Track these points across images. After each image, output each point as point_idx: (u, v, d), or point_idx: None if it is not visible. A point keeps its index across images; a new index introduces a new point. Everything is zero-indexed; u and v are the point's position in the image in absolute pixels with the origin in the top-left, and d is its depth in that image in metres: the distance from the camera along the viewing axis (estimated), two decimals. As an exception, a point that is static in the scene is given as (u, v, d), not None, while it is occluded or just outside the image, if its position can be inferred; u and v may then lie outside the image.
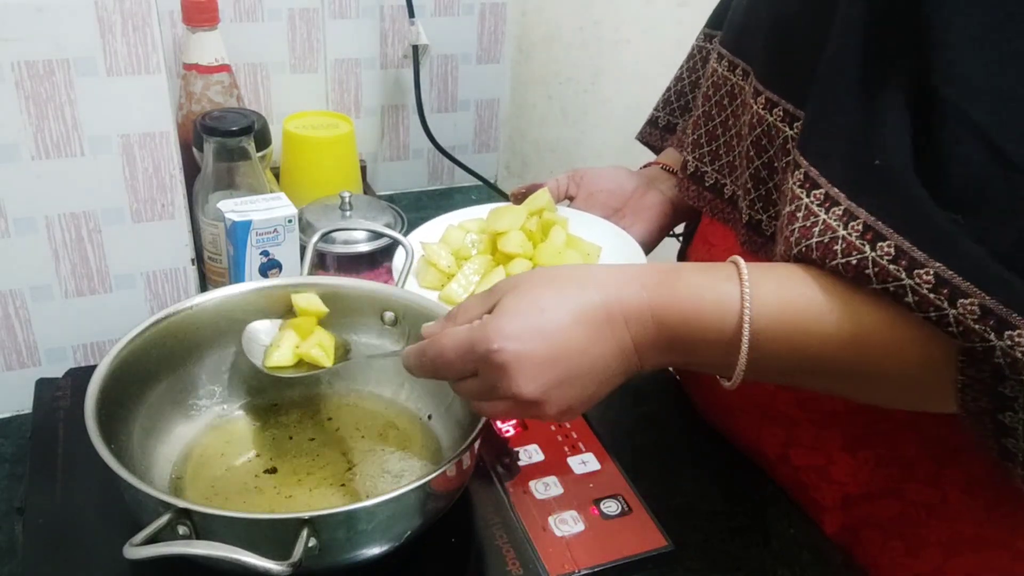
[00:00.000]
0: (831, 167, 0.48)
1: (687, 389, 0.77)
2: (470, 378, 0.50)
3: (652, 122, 0.88)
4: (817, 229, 0.47)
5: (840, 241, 0.46)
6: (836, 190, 0.47)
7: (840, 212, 0.46)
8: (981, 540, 0.57)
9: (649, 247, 0.80)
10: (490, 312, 0.50)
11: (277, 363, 0.61)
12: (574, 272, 0.52)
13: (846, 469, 0.61)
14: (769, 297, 0.47)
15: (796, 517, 0.64)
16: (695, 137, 0.70)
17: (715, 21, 0.80)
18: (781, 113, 0.56)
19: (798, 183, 0.49)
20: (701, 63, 0.81)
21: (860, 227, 0.45)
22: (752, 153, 0.60)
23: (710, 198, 0.69)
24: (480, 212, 0.80)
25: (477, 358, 0.48)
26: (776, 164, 0.58)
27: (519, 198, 0.81)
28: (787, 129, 0.56)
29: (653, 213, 0.80)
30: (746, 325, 0.47)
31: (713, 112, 0.67)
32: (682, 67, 0.85)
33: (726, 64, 0.65)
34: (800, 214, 0.48)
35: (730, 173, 0.66)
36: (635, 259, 0.73)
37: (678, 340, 0.49)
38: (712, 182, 0.68)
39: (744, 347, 0.48)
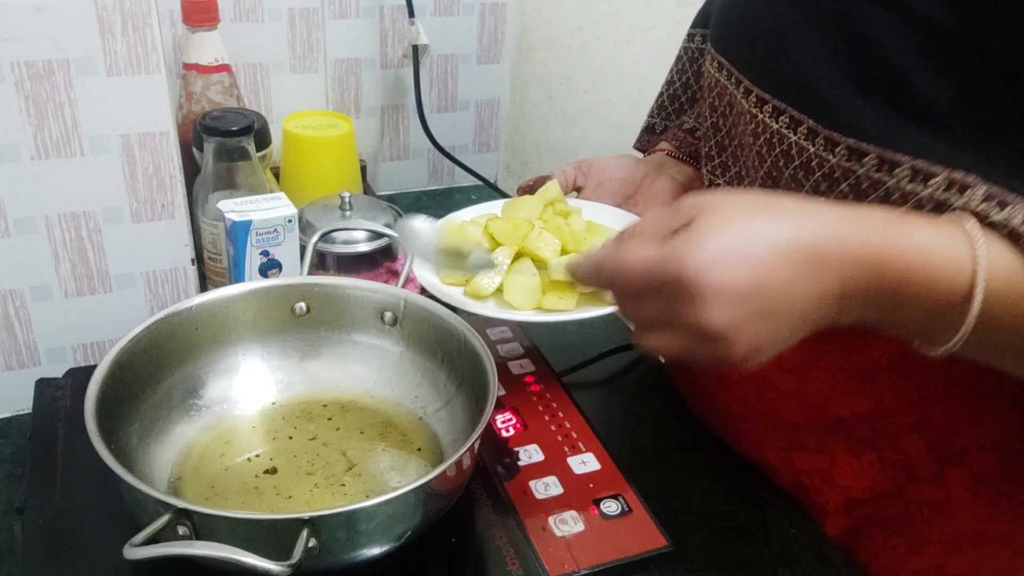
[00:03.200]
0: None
1: (682, 394, 0.76)
2: (647, 301, 0.45)
3: (649, 129, 0.87)
4: None
5: None
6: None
7: None
8: (982, 537, 0.57)
9: None
10: (680, 231, 0.44)
11: (478, 291, 0.67)
12: (783, 201, 0.45)
13: (850, 472, 0.61)
14: (1003, 260, 0.43)
15: (796, 517, 0.64)
16: (707, 150, 0.68)
17: (702, 20, 0.80)
18: (788, 120, 0.55)
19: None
20: (690, 64, 0.81)
21: None
22: (758, 162, 0.59)
23: None
24: (485, 209, 0.78)
25: (665, 279, 0.43)
26: (783, 172, 0.57)
27: (527, 191, 0.80)
28: (791, 135, 0.55)
29: (666, 198, 0.79)
30: (980, 285, 0.43)
31: (720, 123, 0.66)
32: (672, 70, 0.84)
33: (725, 74, 0.64)
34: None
35: (739, 184, 0.64)
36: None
37: (894, 293, 0.44)
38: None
39: (974, 310, 0.43)
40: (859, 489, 0.61)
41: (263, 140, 0.89)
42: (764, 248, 0.42)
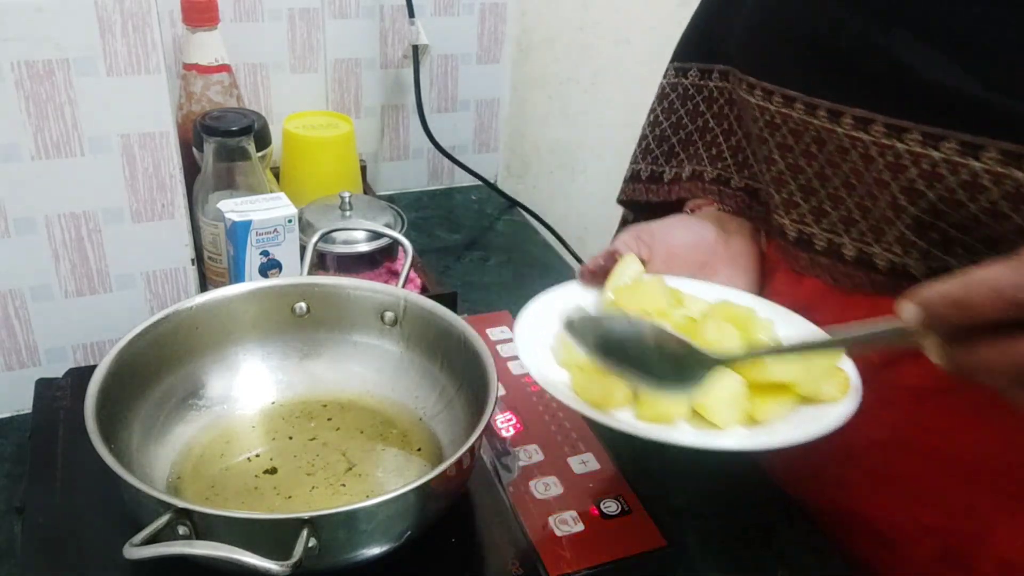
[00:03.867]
0: None
1: (759, 457, 0.68)
2: (1008, 339, 0.36)
3: (634, 177, 0.77)
4: None
5: None
6: None
7: None
8: None
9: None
10: None
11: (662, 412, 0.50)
12: None
13: (1008, 533, 0.53)
14: None
15: (796, 517, 0.64)
16: (784, 197, 0.61)
17: (689, 52, 0.72)
18: (921, 137, 0.49)
19: None
20: (681, 102, 0.72)
21: None
22: (904, 201, 0.52)
23: (828, 264, 0.59)
24: (564, 295, 0.63)
25: None
26: (925, 195, 0.51)
27: (595, 275, 0.64)
28: (933, 152, 0.49)
29: (749, 261, 0.68)
30: None
31: (801, 163, 0.59)
32: (655, 109, 0.75)
33: (802, 107, 0.57)
34: None
35: (847, 229, 0.57)
36: (793, 323, 0.58)
37: None
38: (825, 245, 0.59)
39: None
40: (1018, 549, 0.53)
41: (263, 140, 0.89)
42: None
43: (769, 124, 0.61)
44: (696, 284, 0.63)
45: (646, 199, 0.76)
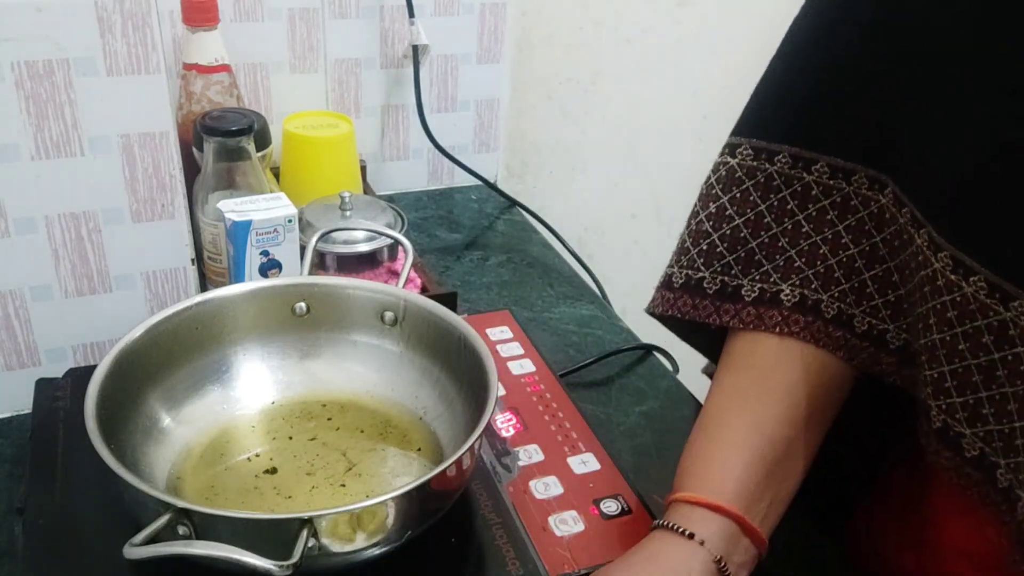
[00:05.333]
0: None
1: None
2: None
3: (666, 284, 0.61)
4: None
5: None
6: None
7: None
8: None
9: None
10: None
11: None
12: None
13: None
14: None
15: (796, 518, 0.64)
16: (943, 387, 0.48)
17: (758, 129, 0.58)
18: None
19: None
20: (763, 192, 0.57)
21: None
22: None
23: (979, 478, 0.47)
24: None
25: None
26: None
27: None
28: None
29: None
30: None
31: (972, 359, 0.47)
32: (714, 196, 0.59)
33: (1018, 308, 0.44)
34: None
35: (1007, 449, 0.46)
36: None
37: None
38: (976, 453, 0.47)
39: None
40: None
41: (263, 140, 0.89)
42: None
43: (958, 307, 0.47)
44: None
45: (684, 314, 0.60)
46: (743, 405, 0.56)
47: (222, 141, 0.77)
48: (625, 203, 1.37)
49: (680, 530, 0.51)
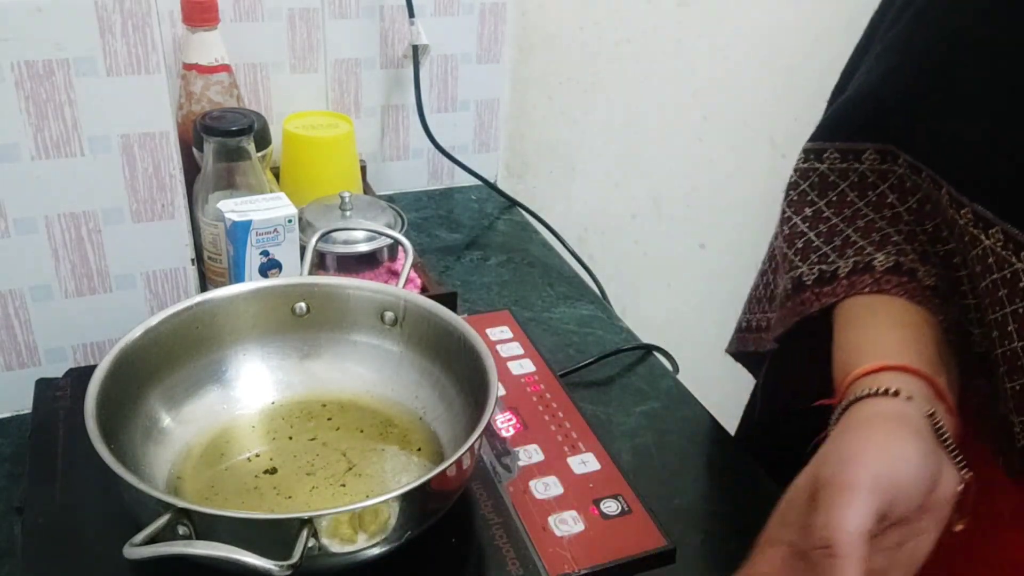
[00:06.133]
0: None
1: None
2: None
3: (746, 328, 0.65)
4: None
5: None
6: None
7: None
8: None
9: None
10: None
11: None
12: None
13: None
14: None
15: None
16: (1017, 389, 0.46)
17: (839, 132, 0.59)
18: None
19: None
20: (853, 190, 0.58)
21: None
22: None
23: None
24: None
25: None
26: None
27: None
28: None
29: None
30: None
31: None
32: (804, 203, 0.59)
33: None
34: None
35: None
36: None
37: None
38: None
39: None
40: None
41: (263, 140, 0.89)
42: None
43: (1010, 283, 0.45)
44: None
45: (817, 306, 0.57)
46: (883, 308, 0.53)
47: (222, 141, 0.77)
48: (625, 203, 1.37)
49: (882, 391, 0.45)
